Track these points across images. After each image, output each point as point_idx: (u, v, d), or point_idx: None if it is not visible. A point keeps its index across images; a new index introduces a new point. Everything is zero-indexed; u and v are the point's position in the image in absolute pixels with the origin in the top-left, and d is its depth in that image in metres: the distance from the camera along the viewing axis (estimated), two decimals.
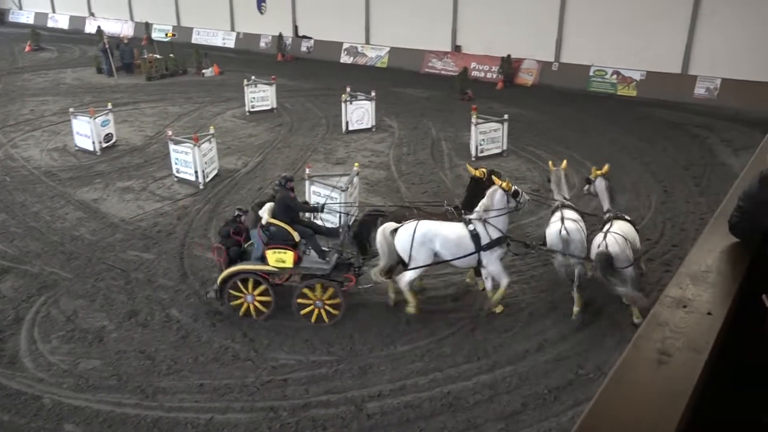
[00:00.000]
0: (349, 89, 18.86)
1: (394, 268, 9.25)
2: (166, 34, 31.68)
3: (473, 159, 15.55)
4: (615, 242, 8.52)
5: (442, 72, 27.00)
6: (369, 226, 9.65)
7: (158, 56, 27.17)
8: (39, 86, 24.49)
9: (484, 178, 9.64)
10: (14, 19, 43.21)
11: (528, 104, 21.65)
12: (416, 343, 8.68)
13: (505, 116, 16.07)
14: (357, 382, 7.97)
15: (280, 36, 31.65)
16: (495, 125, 15.98)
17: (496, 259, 8.98)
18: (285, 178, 9.29)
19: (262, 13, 33.76)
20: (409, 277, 9.05)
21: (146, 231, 11.97)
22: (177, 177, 14.39)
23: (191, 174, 14.08)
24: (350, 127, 18.22)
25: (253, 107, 20.42)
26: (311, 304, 9.05)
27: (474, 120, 15.70)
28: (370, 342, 8.72)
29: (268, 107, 20.62)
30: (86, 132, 16.38)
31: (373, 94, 18.45)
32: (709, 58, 21.50)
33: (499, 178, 9.23)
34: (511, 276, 10.12)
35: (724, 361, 1.77)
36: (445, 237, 8.90)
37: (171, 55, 27.15)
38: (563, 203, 9.73)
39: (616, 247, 8.46)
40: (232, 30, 34.90)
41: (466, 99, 22.02)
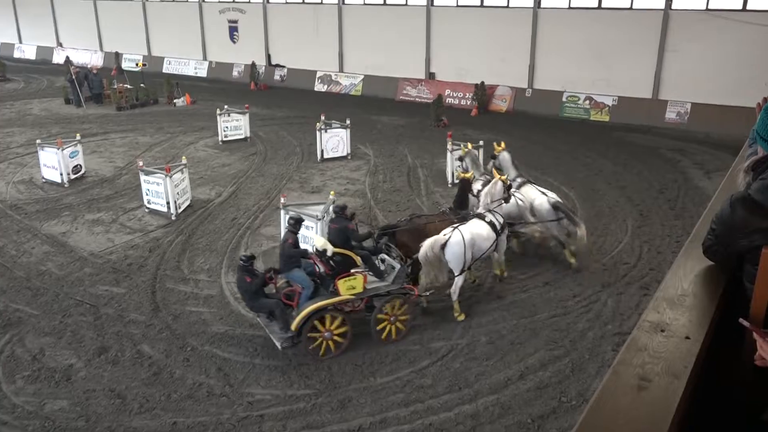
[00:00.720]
0: (323, 117, 18.98)
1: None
2: (137, 64, 31.65)
3: (450, 185, 15.67)
4: (553, 196, 11.08)
5: (417, 99, 27.35)
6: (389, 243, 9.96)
7: (128, 86, 27.09)
8: (5, 117, 24.18)
9: (471, 179, 11.37)
10: None
11: (502, 130, 21.99)
12: (396, 374, 8.62)
13: (480, 142, 16.28)
14: (336, 416, 7.86)
15: (253, 65, 31.82)
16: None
17: (504, 239, 10.37)
18: (340, 207, 9.69)
19: (234, 42, 33.96)
20: (461, 284, 9.75)
21: (116, 264, 11.78)
22: (148, 208, 14.24)
23: (163, 205, 13.94)
24: (325, 156, 18.28)
25: (226, 136, 20.40)
26: (386, 321, 9.18)
27: (449, 147, 15.87)
28: (349, 374, 8.63)
29: (242, 136, 20.62)
30: (54, 164, 16.17)
31: (348, 121, 18.58)
32: (679, 83, 22.19)
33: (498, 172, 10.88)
34: (489, 303, 10.20)
35: (703, 385, 1.80)
36: (480, 234, 9.79)
37: (141, 85, 27.10)
38: (526, 180, 11.73)
39: (556, 197, 11.04)
40: (204, 59, 35.00)
41: (441, 126, 22.29)
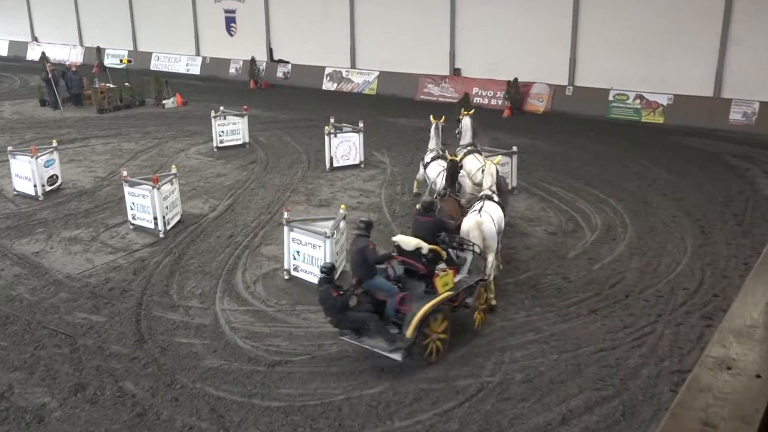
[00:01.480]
0: (333, 120, 19.10)
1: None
2: (121, 60, 32.20)
3: None
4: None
5: (440, 99, 27.45)
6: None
7: (111, 85, 27.50)
8: None
9: (459, 162, 13.26)
10: None
11: (539, 134, 21.95)
12: (417, 417, 8.57)
13: (514, 148, 16.28)
14: None
15: (253, 60, 32.17)
16: (502, 159, 16.16)
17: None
18: (429, 202, 10.79)
19: (231, 35, 34.41)
20: (493, 262, 10.86)
21: (96, 289, 11.89)
22: (133, 224, 14.38)
23: (150, 221, 14.08)
24: (335, 164, 18.38)
25: (221, 142, 20.61)
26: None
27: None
28: (362, 416, 8.60)
29: (240, 142, 20.81)
30: (26, 174, 16.41)
31: (361, 125, 18.68)
32: (745, 80, 21.99)
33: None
34: (524, 335, 10.14)
35: None
36: (500, 215, 11.18)
37: (126, 84, 27.49)
38: (475, 149, 14.44)
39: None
40: (198, 54, 35.47)
41: None
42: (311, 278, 11.42)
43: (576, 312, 10.76)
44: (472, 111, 15.22)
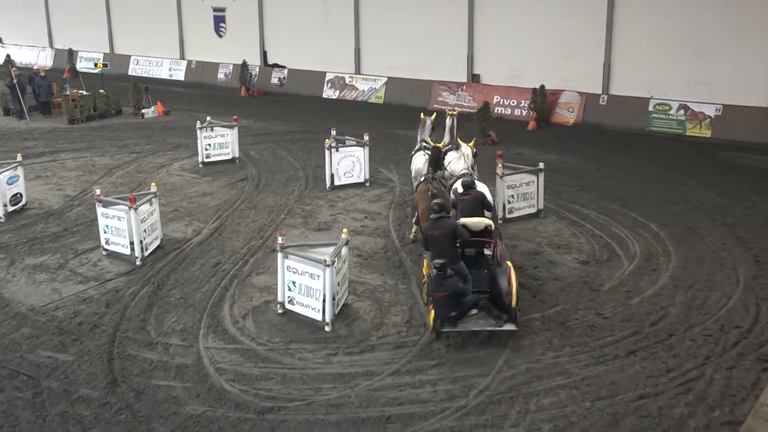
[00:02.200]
0: (334, 132, 19.17)
1: None
2: (96, 64, 32.53)
3: (500, 221, 15.65)
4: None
5: (456, 109, 27.49)
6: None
7: (84, 92, 27.73)
8: None
9: (443, 147, 15.60)
10: None
11: (569, 149, 21.94)
12: None
13: (541, 165, 16.27)
14: None
15: (244, 65, 32.43)
16: (527, 177, 16.17)
17: None
18: (469, 183, 13.29)
19: (220, 36, 34.76)
20: None
21: (63, 323, 11.86)
22: (106, 250, 14.39)
23: (125, 246, 14.08)
24: (336, 182, 18.42)
25: (208, 157, 20.70)
26: None
27: (499, 170, 15.89)
28: None
29: (228, 157, 20.91)
30: None
31: (366, 137, 18.73)
32: None
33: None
34: (553, 378, 10.05)
35: None
36: (488, 192, 13.68)
37: (101, 91, 27.73)
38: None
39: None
40: (182, 58, 35.82)
41: (489, 143, 22.37)
42: (309, 312, 11.39)
43: (612, 353, 10.66)
44: (455, 112, 17.50)
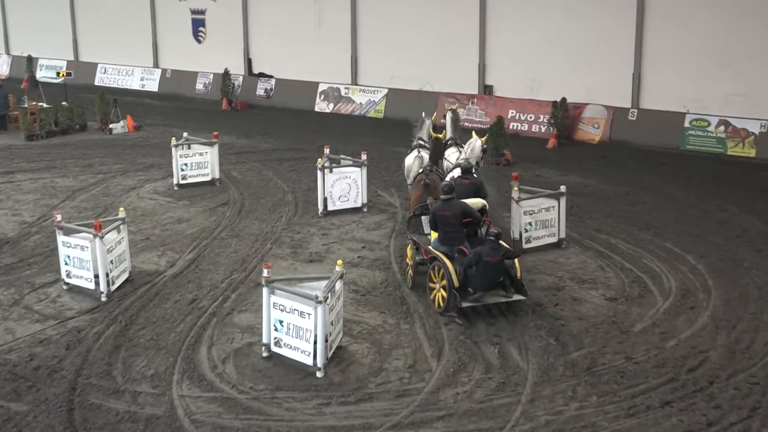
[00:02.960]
0: (327, 150, 19.22)
1: None
2: (58, 73, 32.67)
3: (517, 252, 15.64)
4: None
5: (466, 123, 27.62)
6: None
7: (45, 105, 27.81)
8: None
9: (444, 139, 18.27)
10: None
11: (594, 170, 21.99)
12: None
13: (562, 188, 16.28)
14: None
15: (226, 74, 32.57)
16: (547, 202, 16.17)
17: None
18: (466, 168, 15.51)
19: (199, 41, 34.98)
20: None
21: (18, 368, 11.81)
22: (68, 284, 14.36)
23: (89, 279, 14.05)
24: (330, 207, 18.44)
25: (184, 178, 20.74)
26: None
27: (515, 194, 15.90)
28: None
29: (207, 178, 20.97)
30: None
31: (364, 156, 18.79)
32: None
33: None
34: None
35: None
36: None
37: (64, 104, 27.80)
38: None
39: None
40: (156, 66, 36.02)
41: (503, 163, 22.42)
42: (298, 356, 11.34)
43: (644, 403, 10.62)
44: (456, 106, 20.44)
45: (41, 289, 14.55)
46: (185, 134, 21.59)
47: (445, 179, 16.04)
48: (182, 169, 20.76)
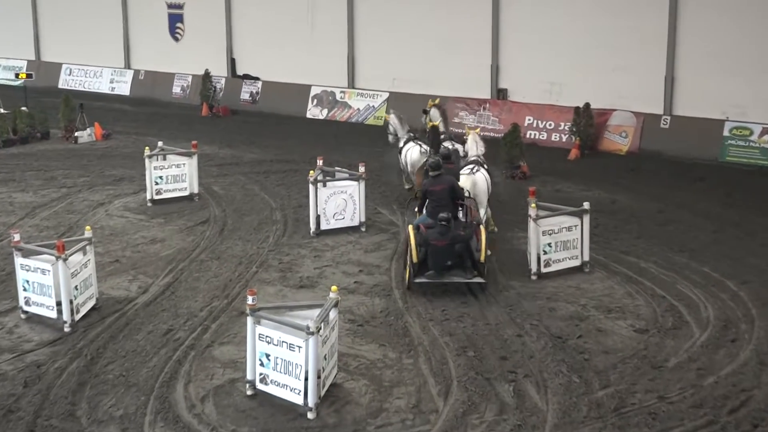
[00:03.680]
0: (321, 162, 19.25)
1: None
2: (17, 75, 32.78)
3: (533, 277, 15.65)
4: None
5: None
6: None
7: (2, 110, 27.85)
8: None
9: (441, 128, 20.37)
10: None
11: (622, 184, 22.01)
12: None
13: (585, 205, 16.29)
14: None
15: (207, 76, 32.63)
16: (568, 220, 16.17)
17: None
18: (447, 152, 18.08)
19: (177, 39, 35.08)
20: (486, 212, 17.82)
21: None
22: (26, 312, 14.34)
23: (51, 307, 14.03)
24: (324, 226, 18.46)
25: (159, 193, 20.77)
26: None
27: (533, 212, 15.91)
28: None
29: (185, 193, 21.01)
30: None
31: (363, 169, 18.83)
32: None
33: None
34: None
35: None
36: (488, 177, 17.83)
37: (23, 109, 27.85)
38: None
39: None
40: (127, 67, 36.13)
41: (519, 176, 22.45)
42: (286, 394, 11.32)
43: None
44: (437, 101, 21.85)
45: None
46: (160, 143, 21.63)
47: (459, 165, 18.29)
48: (156, 183, 20.77)
